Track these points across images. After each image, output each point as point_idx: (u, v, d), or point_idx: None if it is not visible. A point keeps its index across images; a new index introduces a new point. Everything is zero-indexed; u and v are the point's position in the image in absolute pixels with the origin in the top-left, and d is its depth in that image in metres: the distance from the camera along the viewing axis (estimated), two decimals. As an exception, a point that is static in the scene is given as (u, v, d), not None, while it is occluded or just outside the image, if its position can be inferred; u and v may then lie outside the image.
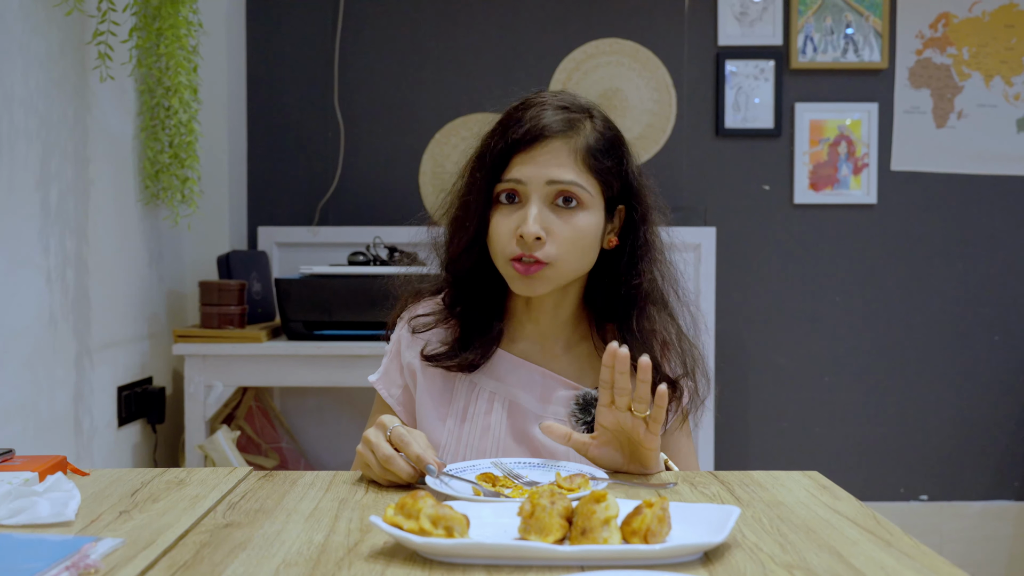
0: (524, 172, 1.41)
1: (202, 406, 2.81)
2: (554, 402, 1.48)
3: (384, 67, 3.39)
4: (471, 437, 1.47)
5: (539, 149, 1.41)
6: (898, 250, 3.43)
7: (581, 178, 1.41)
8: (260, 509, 1.14)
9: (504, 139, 1.42)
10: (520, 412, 1.47)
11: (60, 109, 2.31)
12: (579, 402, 1.47)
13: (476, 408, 1.48)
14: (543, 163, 1.40)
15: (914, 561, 0.97)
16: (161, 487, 1.24)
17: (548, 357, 1.52)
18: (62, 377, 2.36)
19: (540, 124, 1.41)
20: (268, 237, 3.34)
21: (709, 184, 3.41)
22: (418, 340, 1.53)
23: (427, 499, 0.98)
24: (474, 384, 1.50)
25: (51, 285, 2.28)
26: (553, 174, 1.40)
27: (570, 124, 1.43)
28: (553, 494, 0.99)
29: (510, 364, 1.50)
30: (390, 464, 1.24)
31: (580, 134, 1.43)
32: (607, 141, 1.46)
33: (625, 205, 1.49)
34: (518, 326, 1.53)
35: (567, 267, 1.42)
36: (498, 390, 1.49)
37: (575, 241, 1.41)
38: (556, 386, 1.49)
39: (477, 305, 1.50)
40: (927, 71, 3.40)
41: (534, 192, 1.40)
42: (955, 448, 3.46)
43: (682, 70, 3.40)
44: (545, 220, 1.40)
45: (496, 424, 1.47)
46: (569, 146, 1.42)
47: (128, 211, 2.71)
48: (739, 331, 3.43)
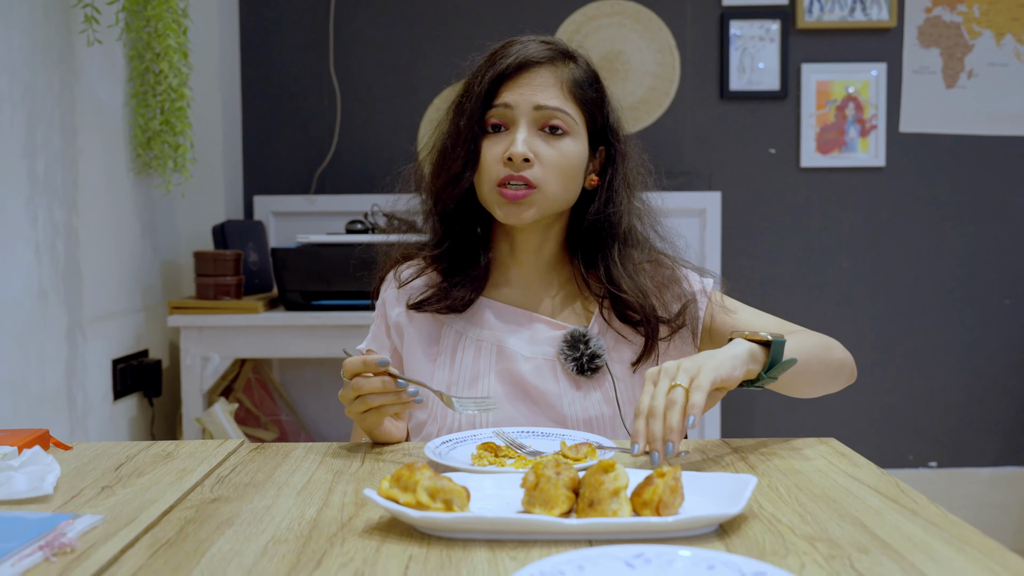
0: (511, 97, 1.43)
1: (199, 379, 2.76)
2: (542, 343, 1.48)
3: (381, 31, 3.31)
4: (460, 386, 1.46)
5: (526, 76, 1.43)
6: (907, 214, 3.37)
7: (567, 106, 1.44)
8: (250, 483, 1.09)
9: (492, 68, 1.44)
10: (508, 356, 1.47)
11: (45, 76, 2.25)
12: (567, 339, 1.47)
13: (464, 356, 1.48)
14: (530, 89, 1.43)
15: (942, 531, 0.91)
16: (147, 461, 1.18)
17: (533, 300, 1.53)
18: (53, 352, 2.30)
19: (527, 53, 1.44)
20: (264, 206, 3.28)
21: (714, 148, 3.34)
22: (403, 294, 1.54)
23: (424, 470, 0.92)
24: (460, 334, 1.50)
25: (40, 257, 2.22)
26: (540, 99, 1.42)
27: (557, 55, 1.46)
28: (558, 464, 0.93)
29: (496, 310, 1.51)
30: (361, 389, 1.23)
31: (566, 66, 1.47)
32: (590, 76, 1.49)
33: (605, 144, 1.51)
34: (502, 271, 1.55)
35: (552, 192, 1.43)
36: (484, 337, 1.49)
37: (561, 166, 1.43)
38: (543, 327, 1.50)
39: (462, 244, 1.51)
40: (936, 29, 3.32)
41: (522, 117, 1.42)
42: (964, 414, 3.42)
43: (685, 31, 3.32)
44: (533, 144, 1.42)
45: (485, 370, 1.47)
46: (556, 75, 1.44)
47: (119, 180, 2.65)
48: (745, 297, 3.35)
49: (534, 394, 1.44)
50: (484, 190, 1.45)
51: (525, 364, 1.46)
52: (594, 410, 1.44)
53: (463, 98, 1.48)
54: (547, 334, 1.49)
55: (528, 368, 1.46)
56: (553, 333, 1.48)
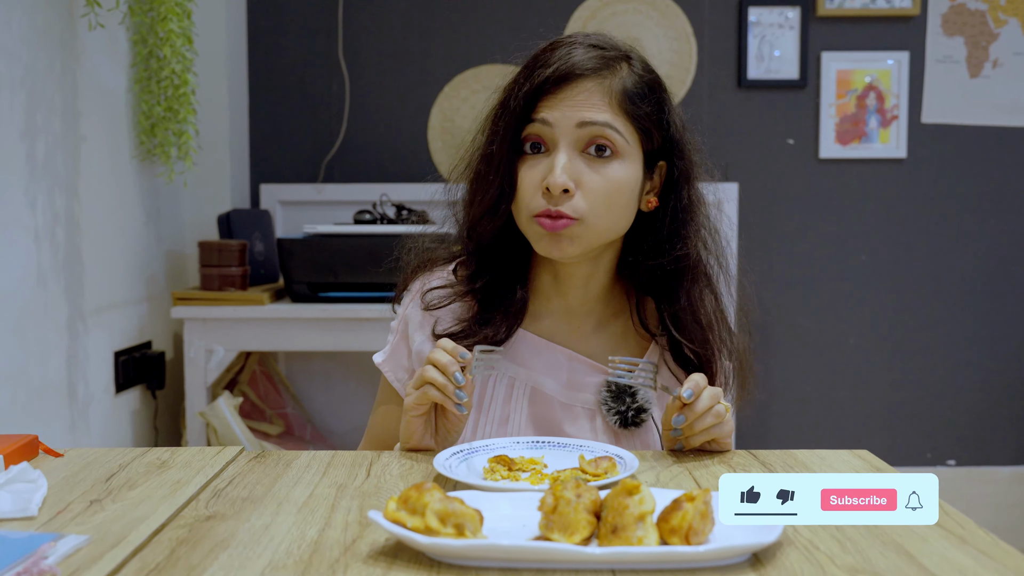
0: (551, 113, 1.24)
1: (203, 371, 2.70)
2: (582, 388, 1.33)
3: (391, 15, 3.24)
4: (488, 427, 1.32)
5: (569, 90, 1.24)
6: (928, 206, 3.30)
7: (616, 121, 1.24)
8: (248, 497, 1.02)
9: (529, 81, 1.25)
10: (543, 400, 1.32)
11: (46, 59, 2.18)
12: (611, 389, 1.32)
13: (495, 395, 1.33)
14: (573, 104, 1.23)
15: (995, 562, 0.84)
16: (140, 470, 1.12)
17: (576, 337, 1.36)
18: (54, 342, 2.24)
19: (570, 62, 1.24)
20: (271, 195, 3.21)
21: (731, 138, 3.27)
22: (428, 319, 1.35)
23: (434, 492, 0.85)
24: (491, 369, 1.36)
25: (39, 244, 2.16)
26: (584, 115, 1.23)
27: (605, 63, 1.26)
28: (579, 485, 0.86)
29: (533, 346, 1.34)
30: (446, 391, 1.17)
31: (616, 75, 1.26)
32: (646, 84, 1.28)
33: (666, 161, 1.31)
34: (543, 302, 1.37)
35: (598, 225, 1.25)
36: (519, 375, 1.33)
37: (608, 194, 1.24)
38: (585, 370, 1.33)
39: (499, 276, 1.33)
40: (961, 17, 3.24)
41: (562, 137, 1.24)
42: (984, 412, 3.36)
43: (703, 18, 3.24)
44: (574, 170, 1.23)
45: (516, 413, 1.32)
46: (603, 87, 1.25)
47: (122, 167, 2.58)
48: (761, 291, 3.29)
49: None
50: (521, 220, 1.28)
51: (562, 412, 1.32)
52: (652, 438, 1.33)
53: (499, 112, 1.30)
54: (588, 379, 1.33)
55: (565, 416, 1.32)
56: (596, 379, 1.33)
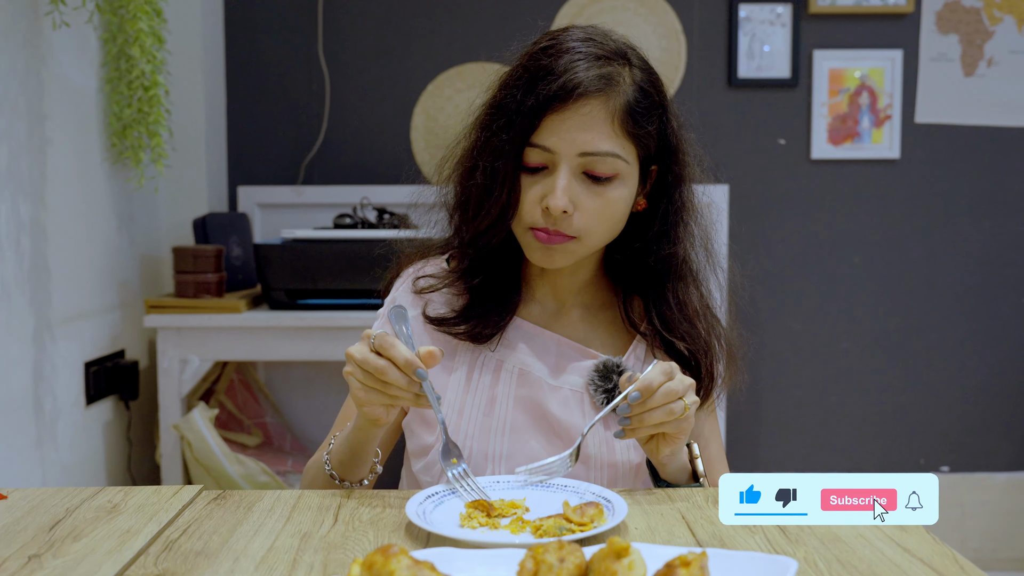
0: (554, 141, 1.24)
1: (177, 382, 2.61)
2: (569, 371, 1.34)
3: (372, 12, 3.16)
4: (475, 410, 1.31)
5: (573, 110, 1.23)
6: (922, 208, 3.24)
7: (617, 145, 1.25)
8: (202, 551, 0.94)
9: (533, 95, 1.24)
10: (531, 382, 1.33)
11: (8, 59, 2.09)
12: (599, 369, 1.32)
13: (481, 377, 1.34)
14: (576, 128, 1.23)
15: None
16: (88, 516, 1.03)
17: (564, 323, 1.39)
18: (18, 355, 2.15)
19: (575, 80, 1.23)
20: (249, 198, 3.12)
21: (721, 138, 3.20)
22: (418, 301, 1.38)
23: (401, 558, 0.77)
24: (479, 351, 1.35)
25: (2, 254, 2.07)
26: (587, 144, 1.24)
27: (608, 80, 1.25)
28: (562, 547, 0.78)
29: (521, 330, 1.36)
30: (385, 375, 1.08)
31: (619, 91, 1.26)
32: (648, 97, 1.29)
33: (659, 165, 1.33)
34: (532, 289, 1.40)
35: (593, 242, 1.29)
36: (507, 357, 1.34)
37: (605, 215, 1.27)
38: (572, 354, 1.35)
39: (493, 274, 1.36)
40: (956, 15, 3.18)
41: (563, 161, 1.25)
42: (978, 417, 3.31)
43: (692, 15, 3.17)
44: (573, 192, 1.25)
45: (503, 396, 1.32)
46: (607, 108, 1.25)
47: (92, 171, 2.49)
48: (752, 294, 3.23)
49: (557, 427, 1.30)
50: (517, 228, 1.30)
51: (550, 393, 1.32)
52: (621, 455, 1.29)
53: (494, 115, 1.29)
54: (576, 362, 1.34)
55: (553, 398, 1.31)
56: (583, 363, 1.34)
